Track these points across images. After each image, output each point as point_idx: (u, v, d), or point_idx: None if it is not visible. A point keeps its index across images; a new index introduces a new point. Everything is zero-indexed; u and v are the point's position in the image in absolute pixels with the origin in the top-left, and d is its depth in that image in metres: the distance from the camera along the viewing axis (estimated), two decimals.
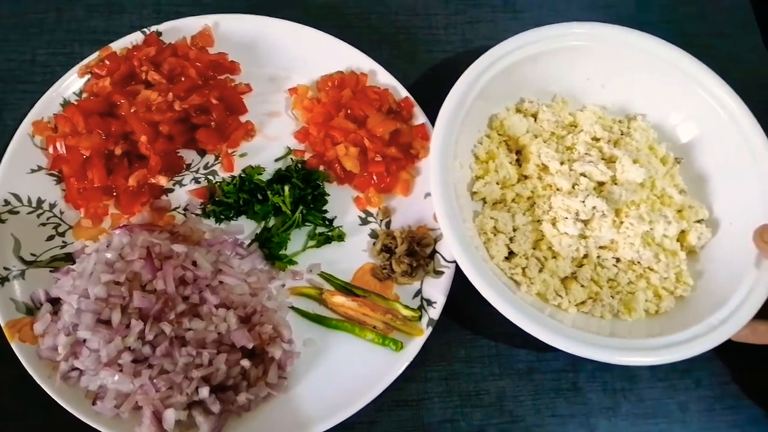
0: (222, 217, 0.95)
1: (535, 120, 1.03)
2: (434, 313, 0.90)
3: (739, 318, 0.85)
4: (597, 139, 1.01)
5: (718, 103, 0.99)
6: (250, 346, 0.82)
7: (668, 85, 1.02)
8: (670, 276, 0.93)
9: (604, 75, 1.04)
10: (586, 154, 0.97)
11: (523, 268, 0.90)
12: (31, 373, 0.82)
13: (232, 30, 1.06)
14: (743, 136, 0.97)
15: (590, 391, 0.93)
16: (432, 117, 0.94)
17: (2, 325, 0.84)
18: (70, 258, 0.90)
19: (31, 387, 0.81)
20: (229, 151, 1.00)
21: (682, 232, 0.97)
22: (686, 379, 0.95)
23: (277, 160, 1.01)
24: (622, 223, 0.92)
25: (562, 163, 0.96)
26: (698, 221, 0.98)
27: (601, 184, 0.95)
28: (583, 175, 0.95)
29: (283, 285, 0.92)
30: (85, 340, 0.80)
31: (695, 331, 0.84)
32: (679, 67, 1.00)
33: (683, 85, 1.01)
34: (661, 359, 0.82)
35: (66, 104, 0.98)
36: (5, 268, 0.87)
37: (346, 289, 0.92)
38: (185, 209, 0.96)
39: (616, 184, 0.95)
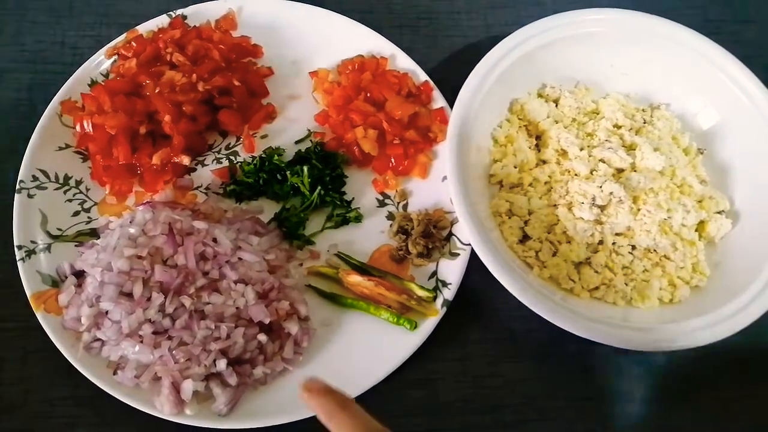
0: (242, 196, 0.97)
1: (557, 105, 1.02)
2: (449, 294, 0.91)
3: (754, 309, 0.84)
4: (618, 127, 1.00)
5: (742, 90, 0.98)
6: (267, 321, 0.84)
7: (692, 73, 1.02)
8: (686, 266, 0.93)
9: (627, 62, 1.04)
10: (606, 140, 0.97)
11: (537, 252, 0.90)
12: (55, 343, 0.84)
13: (256, 14, 1.08)
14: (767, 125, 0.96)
15: (605, 375, 0.93)
16: (452, 101, 0.94)
17: (29, 296, 0.87)
18: (94, 233, 0.93)
19: (54, 357, 0.84)
20: (251, 132, 1.01)
21: (702, 222, 0.96)
22: (704, 366, 0.94)
23: (297, 141, 1.02)
24: (639, 210, 0.92)
25: (581, 149, 0.96)
26: (719, 212, 0.97)
27: (620, 170, 0.95)
28: (602, 161, 0.95)
29: (301, 264, 0.93)
30: (107, 312, 0.82)
31: (709, 319, 0.84)
32: (703, 54, 1.00)
33: (707, 72, 1.00)
34: (674, 346, 0.82)
35: (93, 84, 1.00)
36: (32, 242, 0.90)
37: (362, 269, 0.93)
38: (207, 188, 0.98)
39: (635, 171, 0.94)
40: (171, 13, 1.06)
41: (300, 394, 0.62)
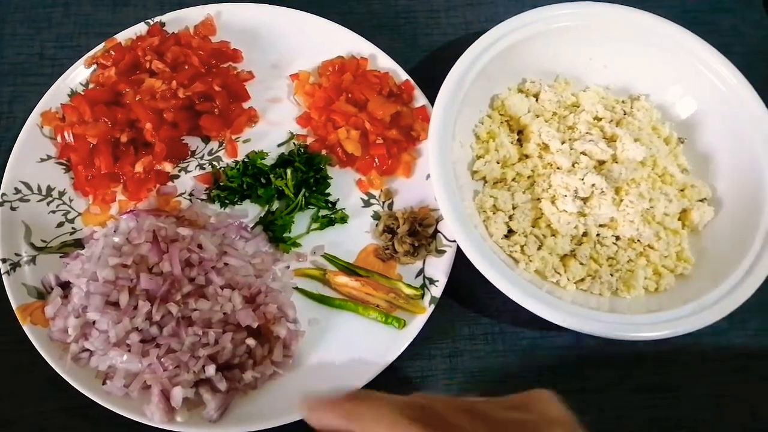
0: (226, 201, 0.97)
1: (537, 100, 1.03)
2: (436, 291, 0.91)
3: (738, 294, 0.85)
4: (599, 119, 1.01)
5: (719, 79, 0.99)
6: (254, 325, 0.84)
7: (670, 63, 1.02)
8: (671, 254, 0.93)
9: (605, 55, 1.04)
10: (587, 133, 0.97)
11: (522, 246, 0.90)
12: (43, 355, 0.84)
13: (234, 18, 1.08)
14: (746, 112, 0.97)
15: (595, 367, 0.94)
16: (433, 99, 0.94)
17: (14, 309, 0.86)
18: (79, 243, 0.92)
19: (43, 369, 0.83)
20: (233, 137, 1.01)
21: (685, 210, 0.97)
22: (692, 353, 0.95)
23: (279, 144, 1.02)
24: (621, 201, 0.92)
25: (563, 143, 0.96)
26: (701, 200, 0.98)
27: (601, 162, 0.96)
28: (583, 153, 0.95)
29: (288, 267, 0.93)
30: (94, 322, 0.82)
31: (694, 306, 0.84)
32: (681, 44, 1.00)
33: (685, 62, 1.00)
34: (661, 334, 0.82)
35: (73, 94, 1.00)
36: (17, 254, 0.89)
37: (349, 269, 0.94)
38: (191, 194, 0.98)
39: (616, 162, 0.95)
40: (149, 20, 1.06)
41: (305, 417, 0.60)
